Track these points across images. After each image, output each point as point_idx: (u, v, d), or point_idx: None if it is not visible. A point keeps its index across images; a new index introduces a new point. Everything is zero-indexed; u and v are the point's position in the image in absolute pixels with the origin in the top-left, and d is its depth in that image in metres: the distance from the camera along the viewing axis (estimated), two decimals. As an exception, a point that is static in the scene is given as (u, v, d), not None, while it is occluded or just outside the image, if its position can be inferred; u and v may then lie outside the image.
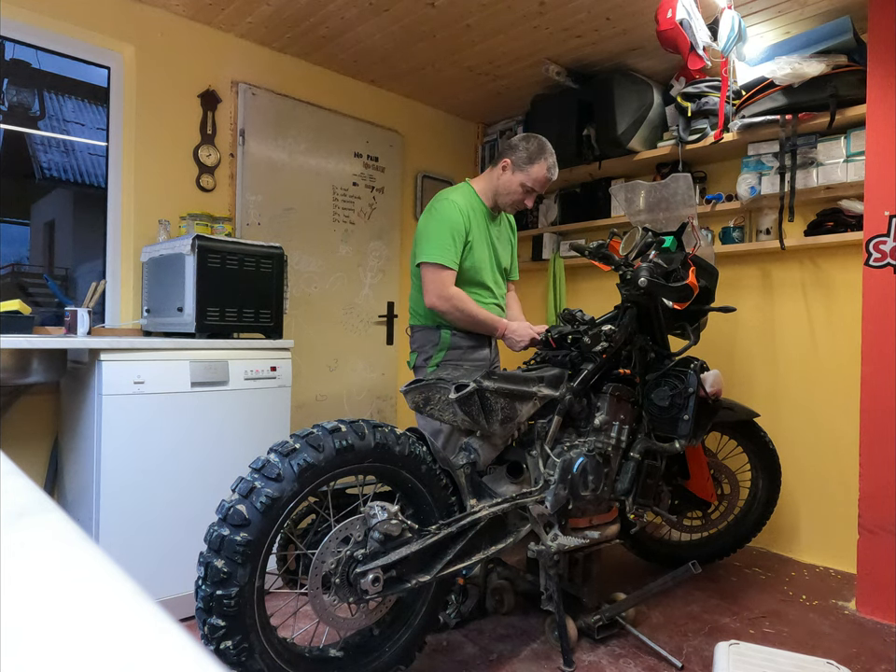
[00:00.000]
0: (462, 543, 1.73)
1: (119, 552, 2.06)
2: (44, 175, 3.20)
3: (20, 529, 0.37)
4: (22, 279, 2.90)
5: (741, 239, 3.10)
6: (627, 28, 2.84)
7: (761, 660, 1.67)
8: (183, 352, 2.23)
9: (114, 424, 2.06)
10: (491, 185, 2.36)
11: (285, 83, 3.17)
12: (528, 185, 2.31)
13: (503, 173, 2.32)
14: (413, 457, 1.70)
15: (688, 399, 2.08)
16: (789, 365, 3.01)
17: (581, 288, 3.83)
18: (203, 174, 2.88)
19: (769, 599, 2.48)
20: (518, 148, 2.31)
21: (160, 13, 2.74)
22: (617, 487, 2.07)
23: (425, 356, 2.33)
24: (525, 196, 2.34)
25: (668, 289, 2.07)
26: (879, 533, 2.32)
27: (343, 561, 1.57)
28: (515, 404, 1.90)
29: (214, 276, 2.34)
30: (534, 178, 2.30)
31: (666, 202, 2.44)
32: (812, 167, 2.76)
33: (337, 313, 3.39)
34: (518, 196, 2.33)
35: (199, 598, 1.45)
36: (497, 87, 3.53)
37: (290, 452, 1.53)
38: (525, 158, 2.29)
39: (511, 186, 2.31)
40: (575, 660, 1.97)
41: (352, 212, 3.45)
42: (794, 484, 2.96)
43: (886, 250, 2.30)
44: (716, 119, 2.97)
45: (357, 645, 1.72)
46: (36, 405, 2.46)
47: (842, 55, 2.59)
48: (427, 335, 2.33)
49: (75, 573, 0.32)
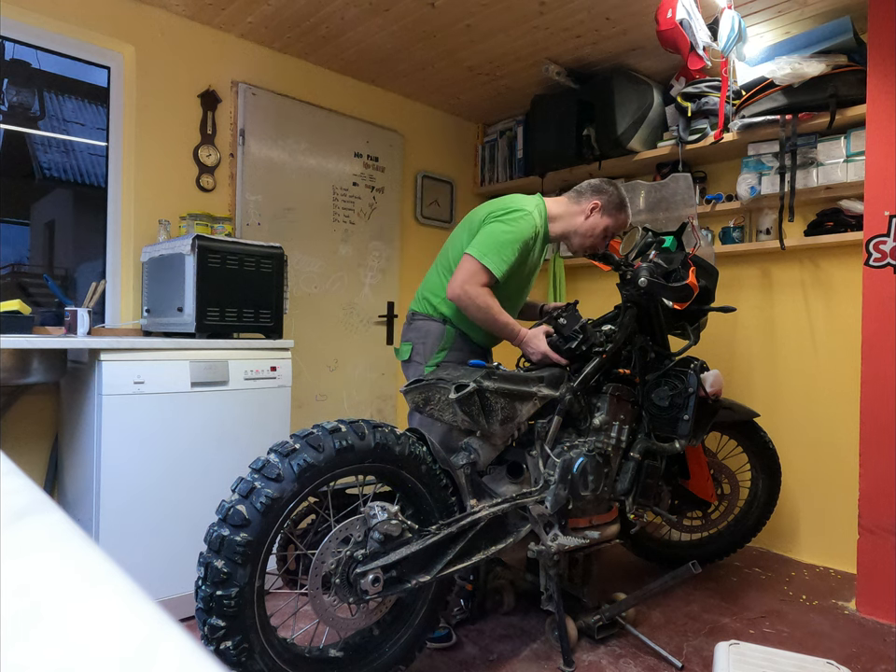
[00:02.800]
0: (462, 543, 1.73)
1: (119, 552, 2.06)
2: (44, 175, 3.20)
3: (20, 529, 0.37)
4: (22, 279, 2.89)
5: (741, 239, 3.10)
6: (627, 28, 2.84)
7: (761, 660, 1.67)
8: (183, 352, 2.23)
9: (114, 424, 2.06)
10: (569, 219, 2.24)
11: (285, 83, 3.17)
12: (611, 231, 2.24)
13: (591, 214, 2.21)
14: (412, 457, 1.70)
15: (688, 399, 2.08)
16: (788, 365, 3.01)
17: (581, 288, 3.83)
18: (202, 174, 2.88)
19: (769, 599, 2.47)
20: (607, 192, 2.22)
21: (160, 13, 2.74)
22: (617, 487, 2.07)
23: (422, 351, 2.19)
24: (603, 241, 2.26)
25: (668, 289, 2.07)
26: (879, 533, 2.32)
27: (343, 561, 1.57)
28: (515, 404, 1.89)
29: (214, 276, 2.34)
30: (619, 225, 2.25)
31: (666, 202, 2.44)
32: (812, 167, 2.76)
33: (337, 313, 3.39)
34: (598, 241, 2.24)
35: (199, 598, 1.45)
36: (497, 87, 3.53)
37: (290, 452, 1.53)
38: (617, 204, 2.22)
39: (597, 230, 2.22)
40: (575, 660, 1.97)
41: (352, 212, 3.45)
42: (794, 484, 2.96)
43: (886, 250, 2.30)
44: (716, 119, 2.97)
45: (358, 645, 1.72)
46: (36, 405, 2.46)
47: (842, 55, 2.59)
48: (430, 328, 2.19)
49: (74, 573, 0.32)
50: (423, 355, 2.19)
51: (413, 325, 2.25)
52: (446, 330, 2.17)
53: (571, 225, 2.24)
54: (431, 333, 2.18)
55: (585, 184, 2.28)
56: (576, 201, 2.26)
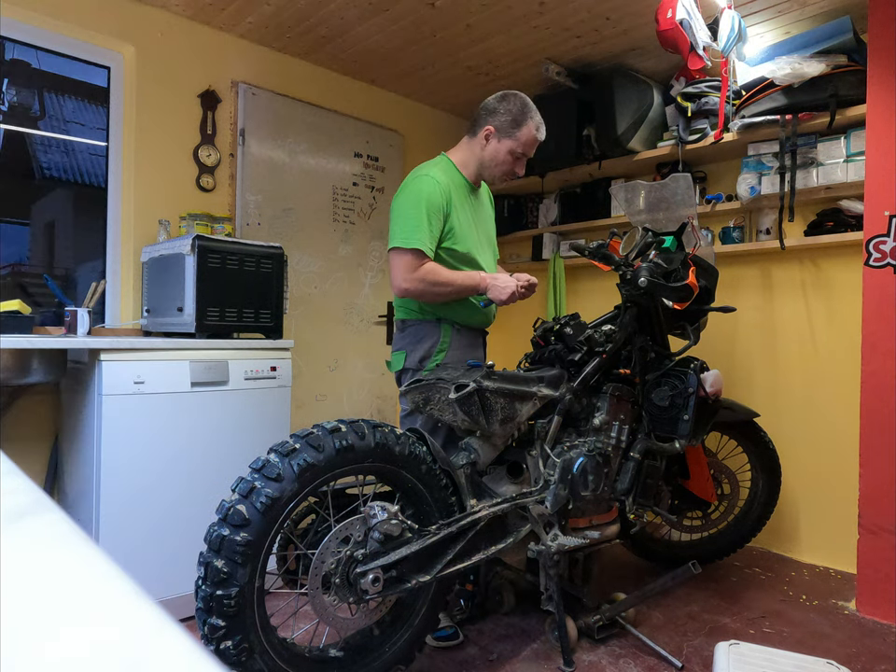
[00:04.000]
0: (462, 543, 1.73)
1: (119, 552, 2.06)
2: (44, 175, 3.20)
3: (20, 529, 0.37)
4: (22, 279, 2.89)
5: (741, 239, 3.10)
6: (627, 28, 2.84)
7: (761, 660, 1.67)
8: (183, 352, 2.23)
9: (114, 424, 2.06)
10: (474, 156, 2.13)
11: (285, 83, 3.17)
12: (518, 151, 2.10)
13: (487, 143, 2.10)
14: (412, 457, 1.70)
15: (688, 399, 2.08)
16: (789, 365, 3.01)
17: (581, 288, 3.83)
18: (202, 174, 2.88)
19: (769, 599, 2.47)
20: (499, 112, 2.08)
21: (160, 13, 2.74)
22: (617, 487, 2.06)
23: (419, 356, 2.08)
24: (515, 164, 2.13)
25: (668, 289, 2.07)
26: (879, 533, 2.32)
27: (344, 561, 1.57)
28: (515, 404, 1.89)
29: (214, 276, 2.34)
30: (523, 142, 2.09)
31: (666, 202, 2.44)
32: (812, 167, 2.76)
33: (337, 313, 3.39)
34: (508, 165, 2.12)
35: (199, 598, 1.45)
36: (497, 87, 3.53)
37: (290, 452, 1.53)
38: (510, 122, 2.07)
39: (499, 155, 2.10)
40: (575, 660, 1.97)
41: (352, 212, 3.45)
42: (794, 484, 2.96)
43: (886, 250, 2.30)
44: (716, 118, 2.97)
45: (358, 645, 1.72)
46: (36, 405, 2.46)
47: (842, 55, 2.59)
48: (425, 331, 2.09)
49: (74, 573, 0.32)
50: (418, 360, 2.09)
51: (404, 333, 2.15)
52: (442, 328, 2.10)
53: (477, 160, 2.13)
54: (424, 335, 2.10)
55: (482, 105, 2.14)
56: (473, 133, 2.14)
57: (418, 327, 2.12)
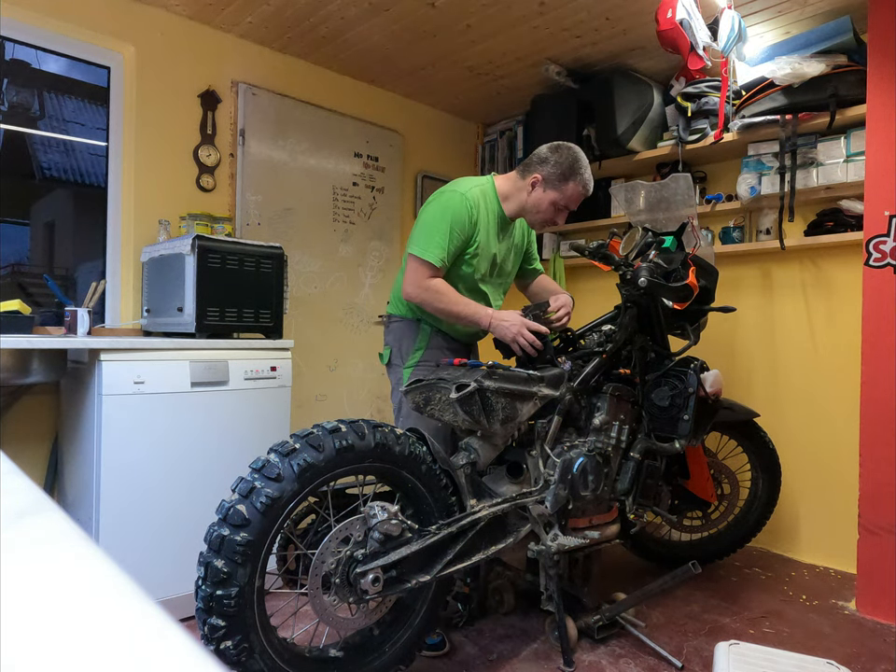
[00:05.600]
0: (462, 543, 1.73)
1: (119, 552, 2.06)
2: (44, 175, 3.20)
3: (20, 529, 0.37)
4: (22, 279, 2.89)
5: (741, 239, 3.10)
6: (627, 28, 2.84)
7: (761, 660, 1.67)
8: (183, 352, 2.23)
9: (114, 424, 2.06)
10: (517, 197, 2.13)
11: (285, 83, 3.17)
12: (561, 204, 2.11)
13: (532, 189, 2.10)
14: (412, 457, 1.70)
15: (688, 399, 2.08)
16: (789, 365, 3.01)
17: (581, 288, 3.83)
18: (202, 174, 2.88)
19: (769, 599, 2.47)
20: (549, 163, 2.07)
21: (160, 13, 2.74)
22: (617, 487, 2.06)
23: (400, 353, 2.14)
24: (556, 215, 2.14)
25: (668, 289, 2.07)
26: (879, 533, 2.32)
27: (343, 561, 1.57)
28: (516, 404, 1.89)
29: (214, 276, 2.34)
30: (568, 196, 2.10)
31: (666, 202, 2.44)
32: (812, 167, 2.76)
33: (337, 313, 3.39)
34: (549, 215, 2.13)
35: (199, 598, 1.45)
36: (497, 87, 3.53)
37: (290, 452, 1.53)
38: (559, 174, 2.07)
39: (542, 205, 2.10)
40: (575, 660, 1.97)
41: (352, 212, 3.45)
42: (794, 484, 2.96)
43: (886, 250, 2.30)
44: (716, 118, 2.96)
45: (358, 645, 1.73)
46: (36, 405, 2.46)
47: (842, 55, 2.59)
48: (405, 329, 2.15)
49: (74, 573, 0.32)
50: (400, 357, 2.14)
51: (390, 327, 2.20)
52: (421, 329, 2.13)
53: (520, 202, 2.13)
54: (407, 334, 2.15)
55: (535, 152, 2.13)
56: (522, 175, 2.13)
57: (400, 324, 2.18)
